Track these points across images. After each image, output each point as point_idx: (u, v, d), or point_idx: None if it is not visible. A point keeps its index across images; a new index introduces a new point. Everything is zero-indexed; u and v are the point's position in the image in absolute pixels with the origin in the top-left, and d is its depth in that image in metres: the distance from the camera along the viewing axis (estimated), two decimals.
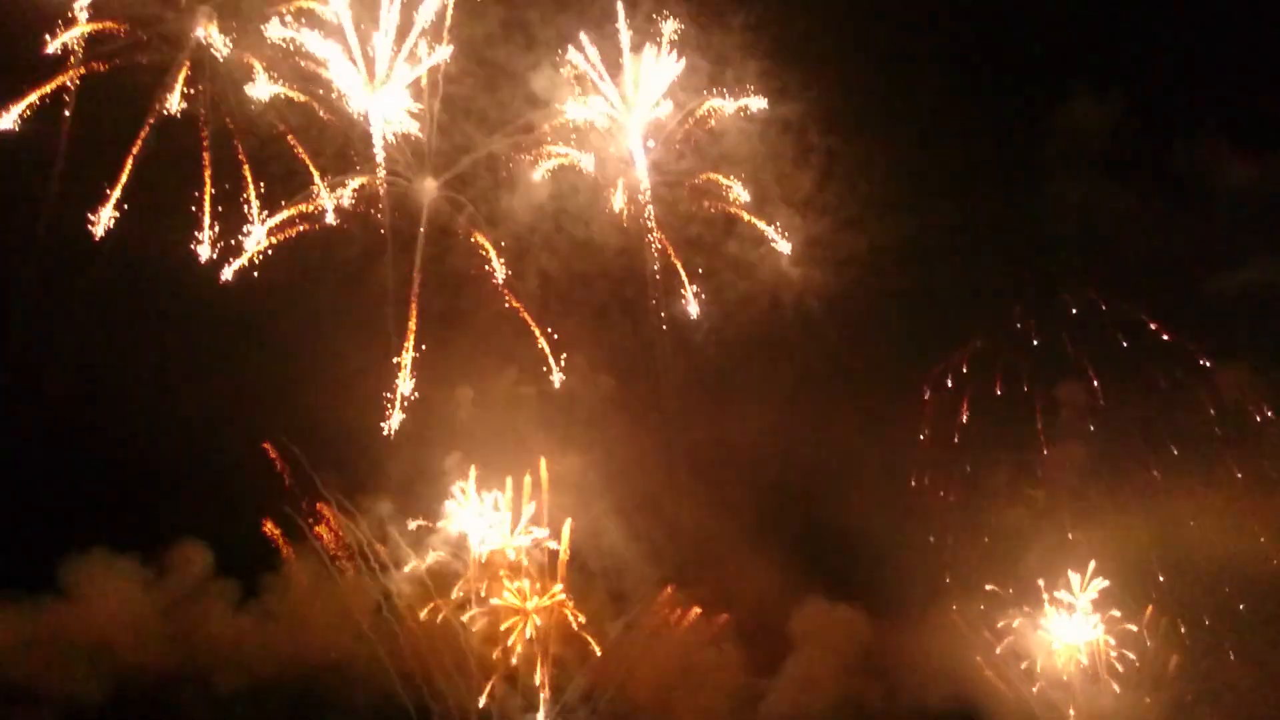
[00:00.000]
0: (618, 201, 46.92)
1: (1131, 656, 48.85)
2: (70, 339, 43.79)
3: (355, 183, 43.79)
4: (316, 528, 45.92)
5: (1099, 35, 53.92)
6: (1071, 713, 48.68)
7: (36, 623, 45.51)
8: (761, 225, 48.18)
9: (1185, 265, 52.90)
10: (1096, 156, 54.40)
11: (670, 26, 45.52)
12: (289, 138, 42.35)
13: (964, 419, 52.68)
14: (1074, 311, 53.18)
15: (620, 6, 45.25)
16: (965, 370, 53.33)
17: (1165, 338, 51.71)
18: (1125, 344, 52.52)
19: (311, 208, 43.53)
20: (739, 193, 47.82)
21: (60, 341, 43.81)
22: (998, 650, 49.66)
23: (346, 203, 44.04)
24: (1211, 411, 51.04)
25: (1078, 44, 54.09)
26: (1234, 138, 53.41)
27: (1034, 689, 49.16)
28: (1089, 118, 53.15)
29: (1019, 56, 53.67)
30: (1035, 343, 53.38)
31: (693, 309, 48.54)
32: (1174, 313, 52.40)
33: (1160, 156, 54.83)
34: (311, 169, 42.96)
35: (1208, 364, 51.32)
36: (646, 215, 46.98)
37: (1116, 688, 48.52)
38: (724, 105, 46.77)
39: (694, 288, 48.43)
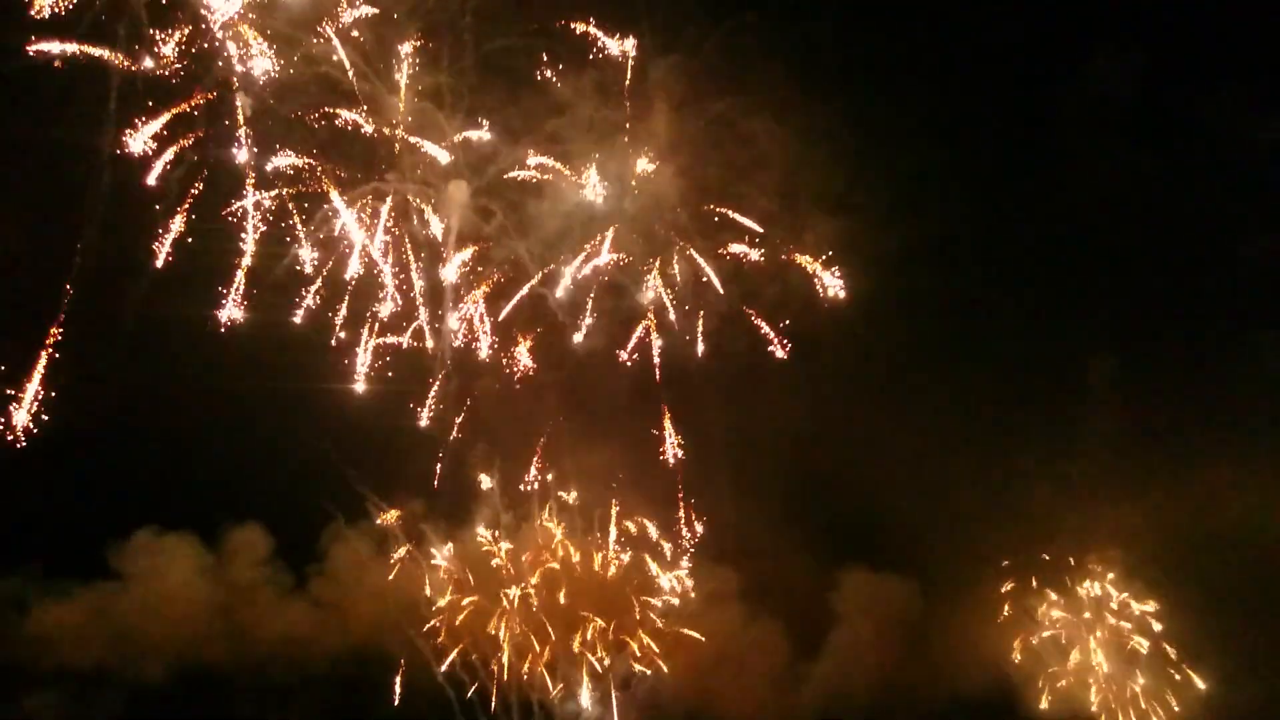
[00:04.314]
0: None
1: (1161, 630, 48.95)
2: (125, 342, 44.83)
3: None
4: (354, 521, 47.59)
5: None
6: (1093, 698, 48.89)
7: (100, 607, 47.76)
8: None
9: (1219, 228, 52.13)
10: (1121, 118, 52.76)
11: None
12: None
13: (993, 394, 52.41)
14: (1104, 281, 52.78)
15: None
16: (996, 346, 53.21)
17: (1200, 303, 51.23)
18: (1158, 311, 52.22)
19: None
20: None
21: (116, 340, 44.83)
22: (1035, 639, 50.03)
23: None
24: (1249, 380, 50.48)
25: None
26: (1268, 91, 52.09)
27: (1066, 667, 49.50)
28: (1111, 78, 52.02)
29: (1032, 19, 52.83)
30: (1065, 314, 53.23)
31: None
32: (1208, 278, 52.10)
33: (1189, 115, 52.69)
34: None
35: (1243, 330, 50.76)
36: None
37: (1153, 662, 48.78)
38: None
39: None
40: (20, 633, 47.02)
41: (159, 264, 40.72)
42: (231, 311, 41.70)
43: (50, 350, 39.80)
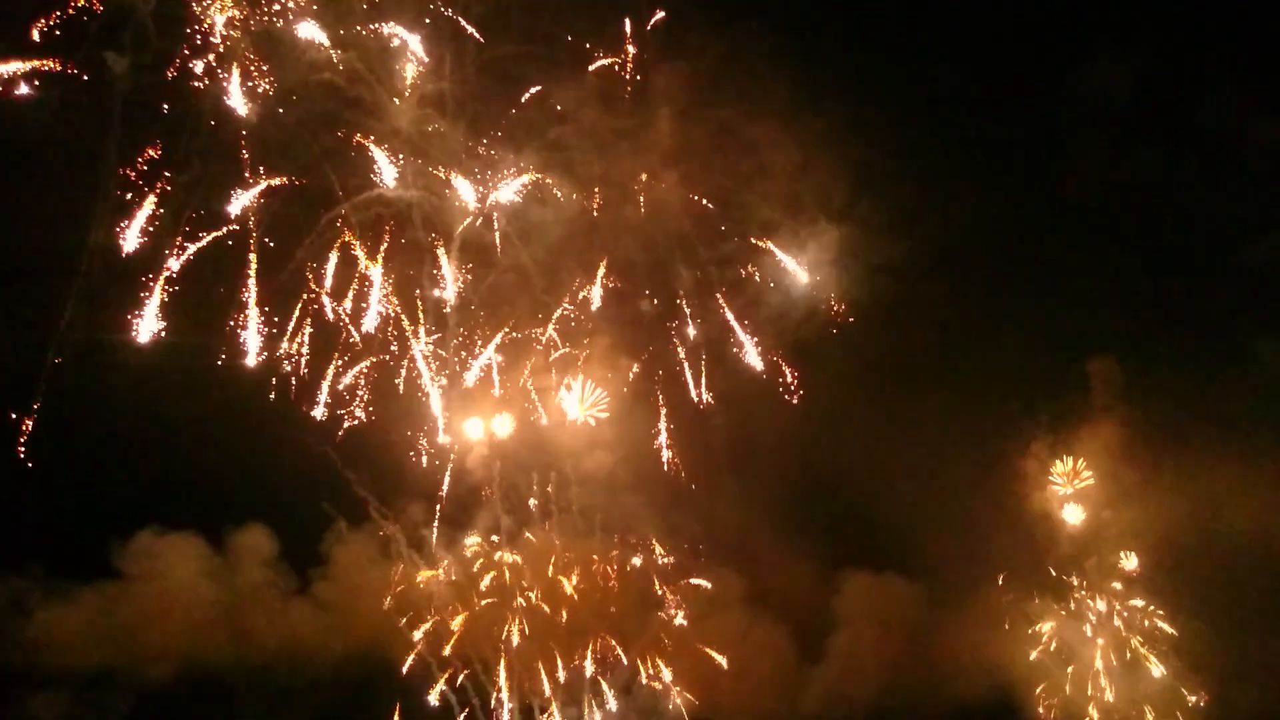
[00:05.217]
0: None
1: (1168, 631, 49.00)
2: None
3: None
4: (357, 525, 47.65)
5: None
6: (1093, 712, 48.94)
7: (103, 608, 47.63)
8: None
9: (1220, 233, 52.00)
10: (1120, 121, 53.16)
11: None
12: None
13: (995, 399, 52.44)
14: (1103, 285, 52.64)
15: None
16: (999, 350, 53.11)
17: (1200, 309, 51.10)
18: (1159, 317, 52.08)
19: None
20: None
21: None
22: (1036, 648, 50.18)
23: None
24: (1253, 385, 50.42)
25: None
26: (1269, 92, 51.87)
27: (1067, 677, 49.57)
28: (1111, 81, 51.91)
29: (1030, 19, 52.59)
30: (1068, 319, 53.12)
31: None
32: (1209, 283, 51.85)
33: (1189, 118, 53.25)
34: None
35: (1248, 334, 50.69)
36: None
37: (1156, 671, 48.83)
38: None
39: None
40: (23, 634, 46.79)
41: (161, 276, 40.76)
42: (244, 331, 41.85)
43: (53, 359, 39.87)
